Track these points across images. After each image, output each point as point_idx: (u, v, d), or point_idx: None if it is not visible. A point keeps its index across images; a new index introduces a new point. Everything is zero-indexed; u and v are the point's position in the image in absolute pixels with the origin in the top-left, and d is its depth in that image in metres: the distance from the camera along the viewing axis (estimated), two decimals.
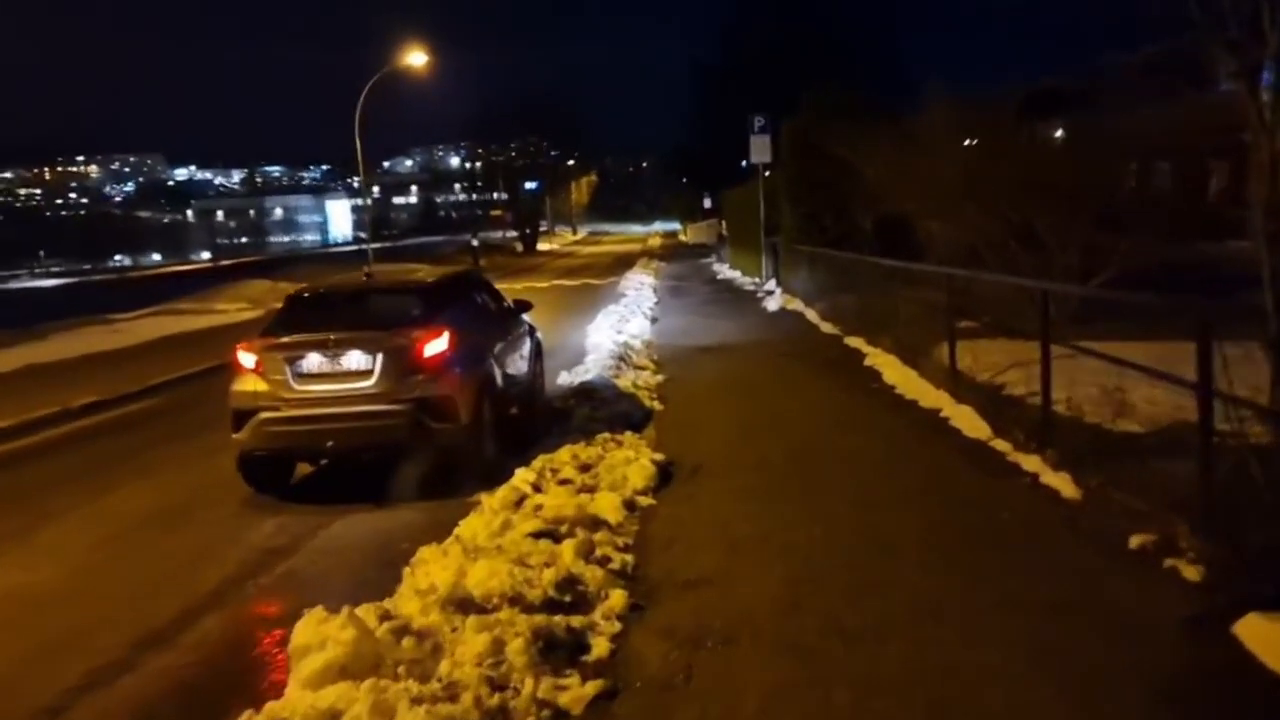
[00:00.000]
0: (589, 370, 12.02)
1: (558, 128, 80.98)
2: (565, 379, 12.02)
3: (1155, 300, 6.20)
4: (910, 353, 11.46)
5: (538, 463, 7.32)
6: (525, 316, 10.64)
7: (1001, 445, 7.30)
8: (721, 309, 20.66)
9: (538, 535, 5.32)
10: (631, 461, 7.14)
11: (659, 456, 7.50)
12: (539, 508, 5.94)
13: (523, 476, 6.86)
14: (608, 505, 6.15)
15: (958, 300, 10.32)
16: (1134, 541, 4.99)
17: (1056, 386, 8.86)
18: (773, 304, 20.30)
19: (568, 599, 4.58)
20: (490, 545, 5.19)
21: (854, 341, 13.74)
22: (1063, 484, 6.08)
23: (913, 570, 4.95)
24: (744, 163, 31.85)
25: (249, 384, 7.48)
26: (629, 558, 5.34)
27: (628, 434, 8.48)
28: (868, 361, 12.10)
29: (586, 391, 10.68)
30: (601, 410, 9.47)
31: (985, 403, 8.48)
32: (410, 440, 7.28)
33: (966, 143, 13.27)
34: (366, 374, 7.30)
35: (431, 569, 5.00)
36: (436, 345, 7.42)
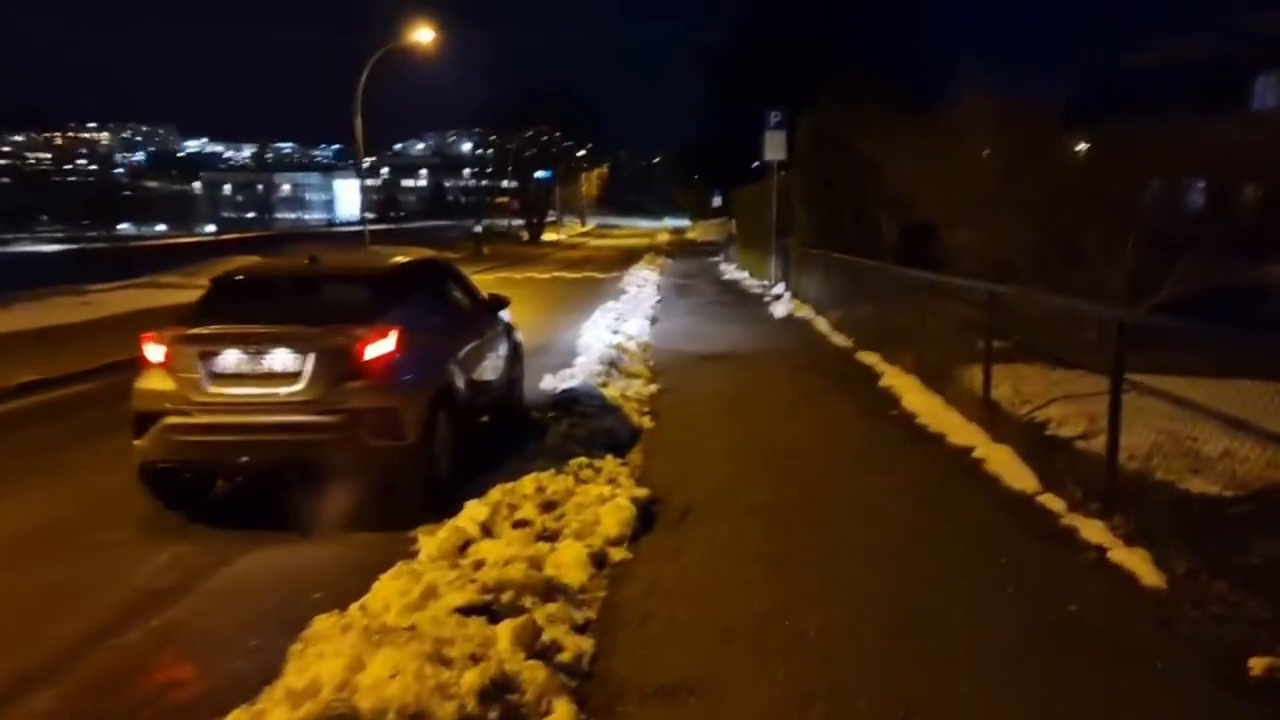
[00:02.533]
0: (575, 376, 10.80)
1: (571, 117, 79.76)
2: (549, 383, 10.81)
3: None
4: (933, 375, 10.23)
5: (495, 494, 6.09)
6: (504, 314, 9.42)
7: (1053, 503, 6.05)
8: (726, 312, 19.42)
9: (469, 610, 4.07)
10: (607, 500, 5.90)
11: (641, 493, 6.26)
12: (480, 565, 4.71)
13: (472, 514, 5.63)
14: (570, 560, 4.93)
15: (987, 318, 9.08)
16: (1256, 666, 3.75)
17: (1106, 427, 7.63)
18: (780, 309, 19.06)
19: (494, 715, 3.35)
20: (403, 623, 3.95)
21: (868, 358, 12.51)
22: (1140, 565, 4.84)
23: (964, 688, 3.72)
24: (755, 163, 30.63)
25: (155, 382, 6.23)
26: (587, 644, 4.10)
27: (608, 458, 7.26)
28: (884, 382, 10.86)
29: (569, 401, 9.45)
30: (582, 426, 8.22)
31: (1027, 445, 7.25)
32: (342, 459, 6.03)
33: (1004, 143, 11.99)
34: (294, 377, 6.06)
35: (325, 649, 3.78)
36: (381, 346, 6.18)
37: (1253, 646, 3.85)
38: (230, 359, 6.11)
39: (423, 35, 32.06)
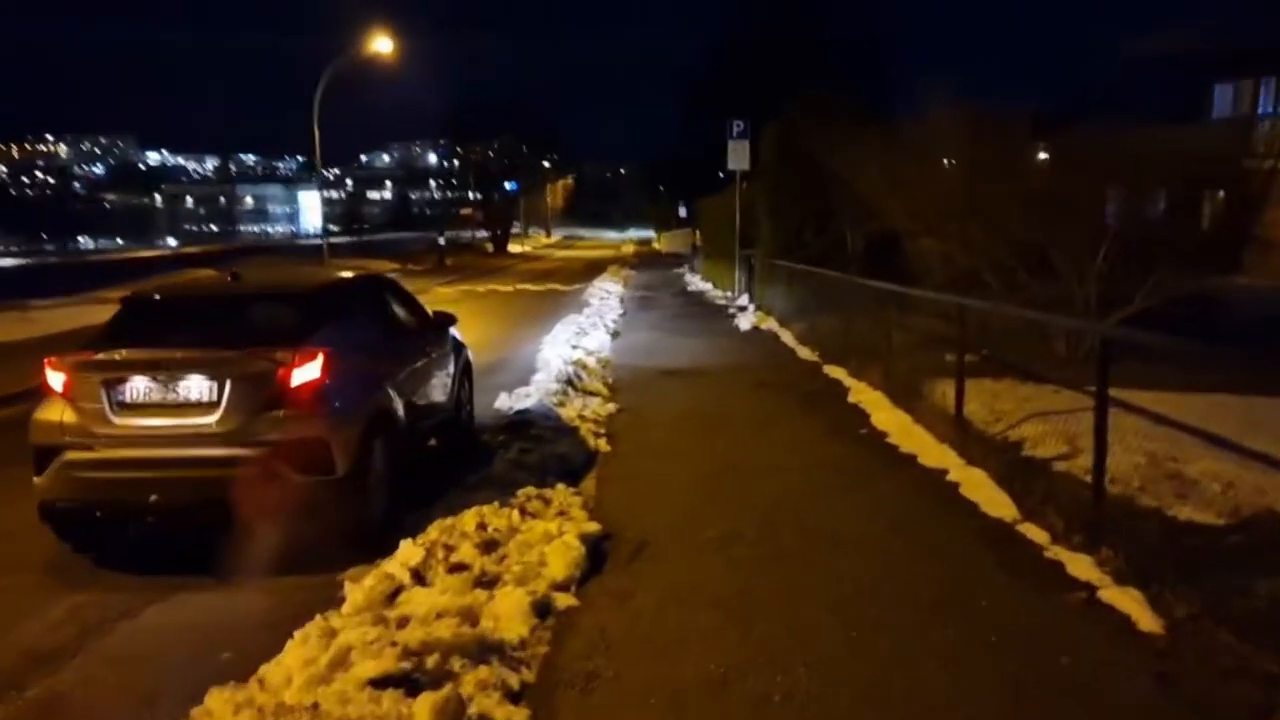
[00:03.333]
0: (531, 395, 10.29)
1: (535, 128, 79.28)
2: (504, 402, 10.31)
3: None
4: (902, 391, 9.84)
5: (433, 531, 5.59)
6: (453, 330, 8.91)
7: (1034, 533, 5.63)
8: (690, 325, 18.98)
9: (385, 682, 3.56)
10: (554, 538, 5.41)
11: (592, 528, 5.78)
12: (405, 621, 4.19)
13: (405, 557, 5.12)
14: (510, 611, 4.44)
15: (959, 332, 8.69)
16: None
17: (1086, 448, 7.26)
18: (745, 322, 18.65)
19: None
20: (306, 699, 3.44)
21: (835, 372, 12.11)
22: (1135, 608, 4.41)
23: None
24: (720, 174, 30.35)
25: (55, 412, 5.67)
26: (521, 717, 3.60)
27: (560, 487, 6.77)
28: (852, 398, 10.45)
29: (522, 424, 8.95)
30: (534, 451, 7.72)
31: (1003, 467, 6.83)
32: (264, 497, 5.50)
33: (974, 154, 11.65)
34: (210, 407, 5.52)
35: None
36: (307, 371, 5.66)
37: (1268, 710, 3.43)
38: (138, 387, 5.56)
39: (381, 45, 31.50)
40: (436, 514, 6.05)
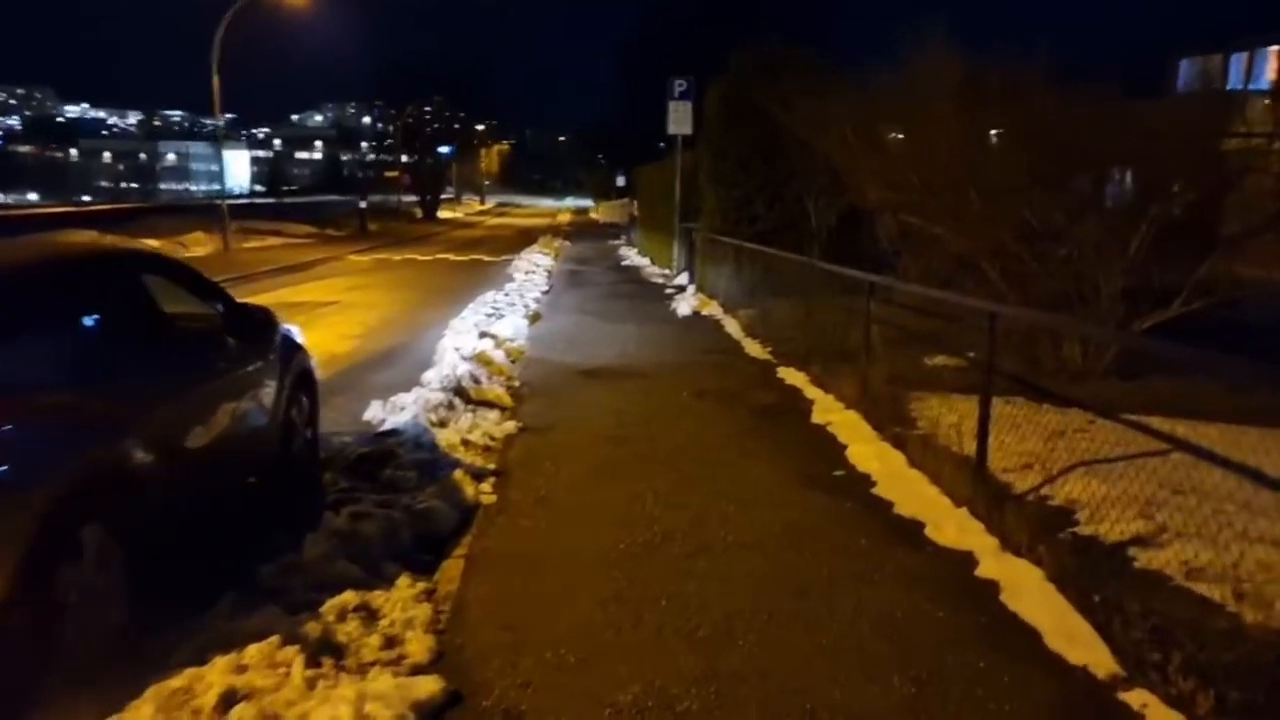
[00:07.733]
0: (408, 407, 7.94)
1: (471, 91, 76.20)
2: (375, 413, 8.01)
3: None
4: (885, 413, 7.66)
5: (146, 705, 3.22)
6: (290, 329, 6.50)
7: (1159, 713, 3.41)
8: (621, 308, 16.63)
9: None
10: None
11: (429, 689, 3.43)
12: None
13: None
14: None
15: (988, 350, 6.54)
16: None
17: (1173, 526, 5.13)
18: (684, 305, 16.38)
19: None
20: None
21: (793, 377, 9.92)
22: None
23: None
24: (661, 143, 28.27)
25: None
26: None
27: (402, 582, 4.43)
28: (818, 417, 8.24)
29: (380, 456, 6.61)
30: (375, 516, 5.27)
31: (1061, 559, 4.61)
32: None
33: (974, 113, 9.41)
34: None
35: None
36: None
37: None
38: None
39: None
40: (181, 651, 3.69)
